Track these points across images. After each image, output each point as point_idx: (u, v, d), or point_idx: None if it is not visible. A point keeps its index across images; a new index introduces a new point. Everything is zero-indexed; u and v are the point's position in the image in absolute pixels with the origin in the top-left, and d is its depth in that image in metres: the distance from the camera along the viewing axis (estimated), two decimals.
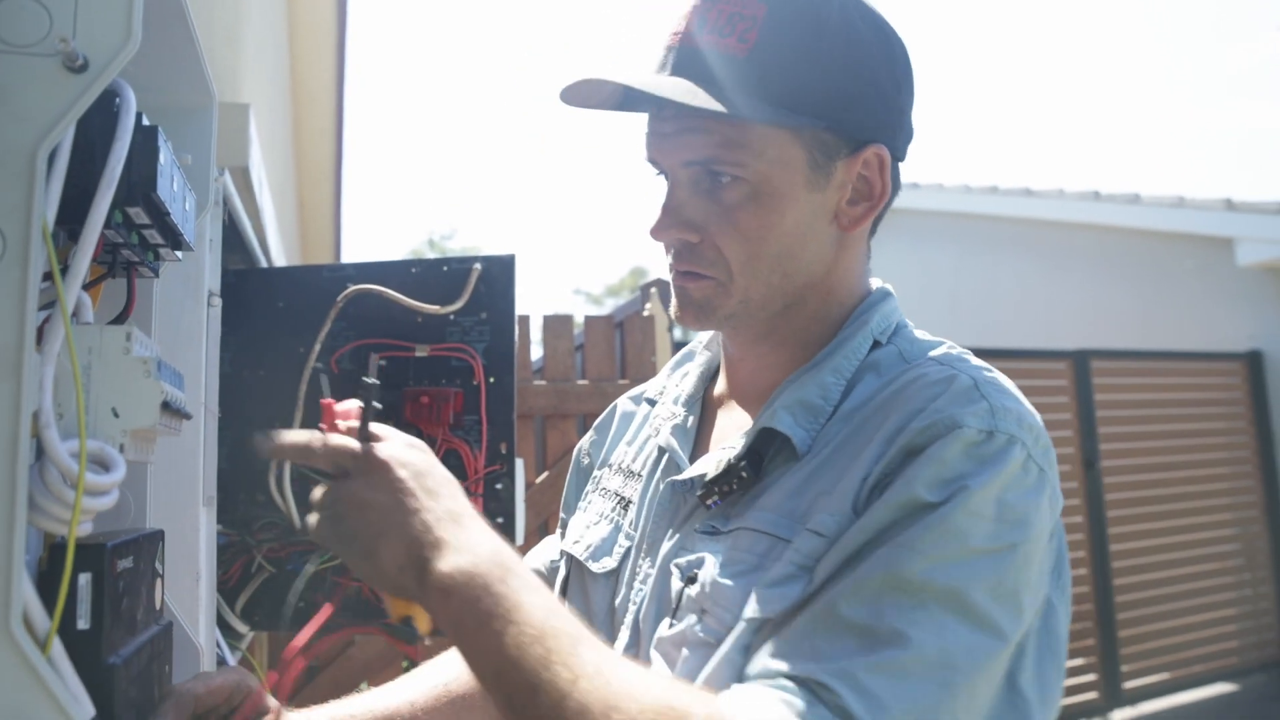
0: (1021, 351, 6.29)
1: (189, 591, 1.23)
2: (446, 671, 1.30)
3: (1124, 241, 8.30)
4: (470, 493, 1.75)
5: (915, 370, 0.96)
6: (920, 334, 1.07)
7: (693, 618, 0.92)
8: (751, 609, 0.86)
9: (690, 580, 0.94)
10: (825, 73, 0.95)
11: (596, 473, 1.28)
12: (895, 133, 1.01)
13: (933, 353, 1.00)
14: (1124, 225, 8.18)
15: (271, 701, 1.13)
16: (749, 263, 0.99)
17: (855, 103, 0.97)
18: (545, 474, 2.66)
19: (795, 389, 0.99)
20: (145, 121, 0.86)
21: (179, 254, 1.02)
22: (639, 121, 1.04)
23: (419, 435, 1.76)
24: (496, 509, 1.77)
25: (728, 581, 0.90)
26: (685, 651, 0.91)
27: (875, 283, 1.11)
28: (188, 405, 0.93)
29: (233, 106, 1.81)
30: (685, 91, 0.93)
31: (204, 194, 1.21)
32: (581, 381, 2.70)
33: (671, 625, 0.94)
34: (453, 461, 1.77)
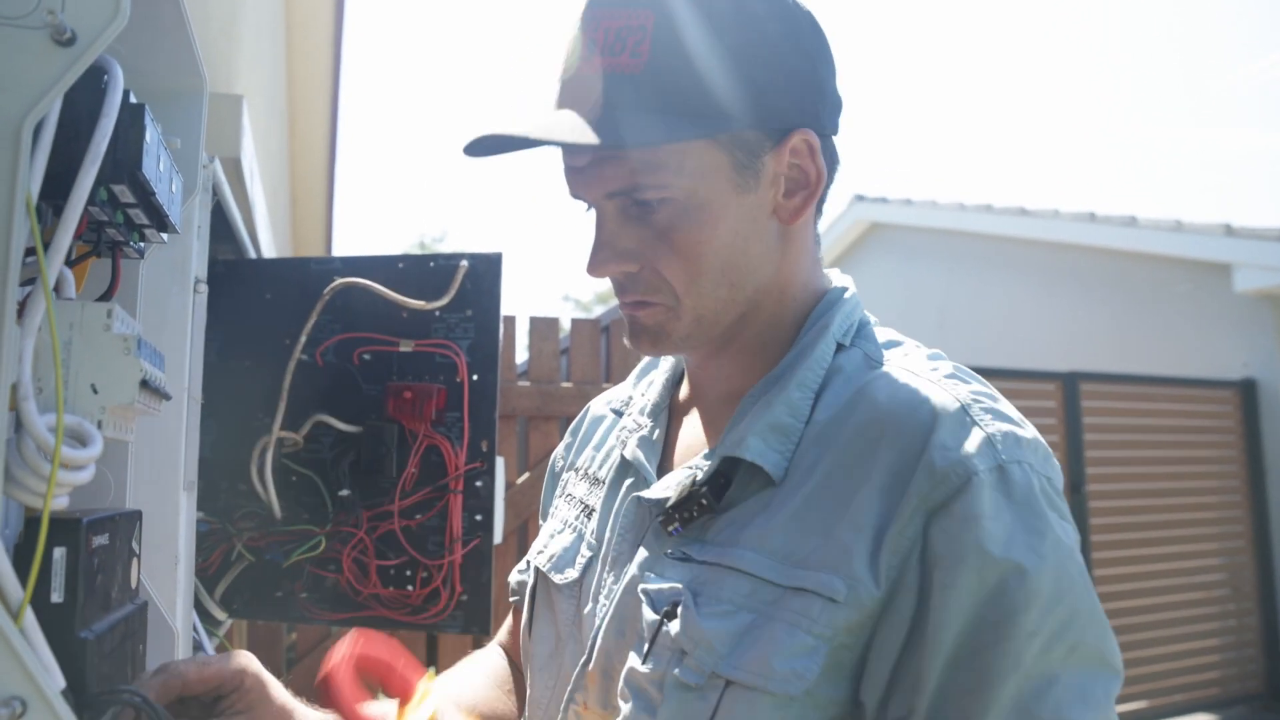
0: (1010, 371, 6.30)
1: (167, 575, 1.23)
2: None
3: (1119, 264, 8.28)
4: (450, 490, 1.76)
5: (887, 380, 0.93)
6: (883, 332, 1.04)
7: (672, 658, 0.89)
8: (759, 676, 0.84)
9: (668, 615, 0.90)
10: (728, 69, 0.90)
11: (564, 476, 1.27)
12: (819, 111, 0.96)
13: (899, 355, 0.98)
14: (1120, 248, 8.16)
15: (280, 695, 1.08)
16: (693, 281, 0.95)
17: (767, 92, 0.92)
18: (526, 474, 2.66)
19: (762, 411, 0.96)
20: (133, 99, 0.86)
21: (164, 236, 1.02)
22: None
23: (400, 430, 1.77)
24: (476, 506, 1.77)
25: (711, 625, 0.87)
26: (665, 694, 0.88)
27: (832, 276, 1.08)
28: (167, 386, 0.93)
29: (226, 97, 1.81)
30: (572, 129, 0.88)
31: (191, 179, 1.21)
32: (566, 384, 2.71)
33: (646, 661, 0.91)
34: (433, 457, 1.77)
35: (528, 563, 1.18)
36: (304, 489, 1.81)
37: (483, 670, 1.32)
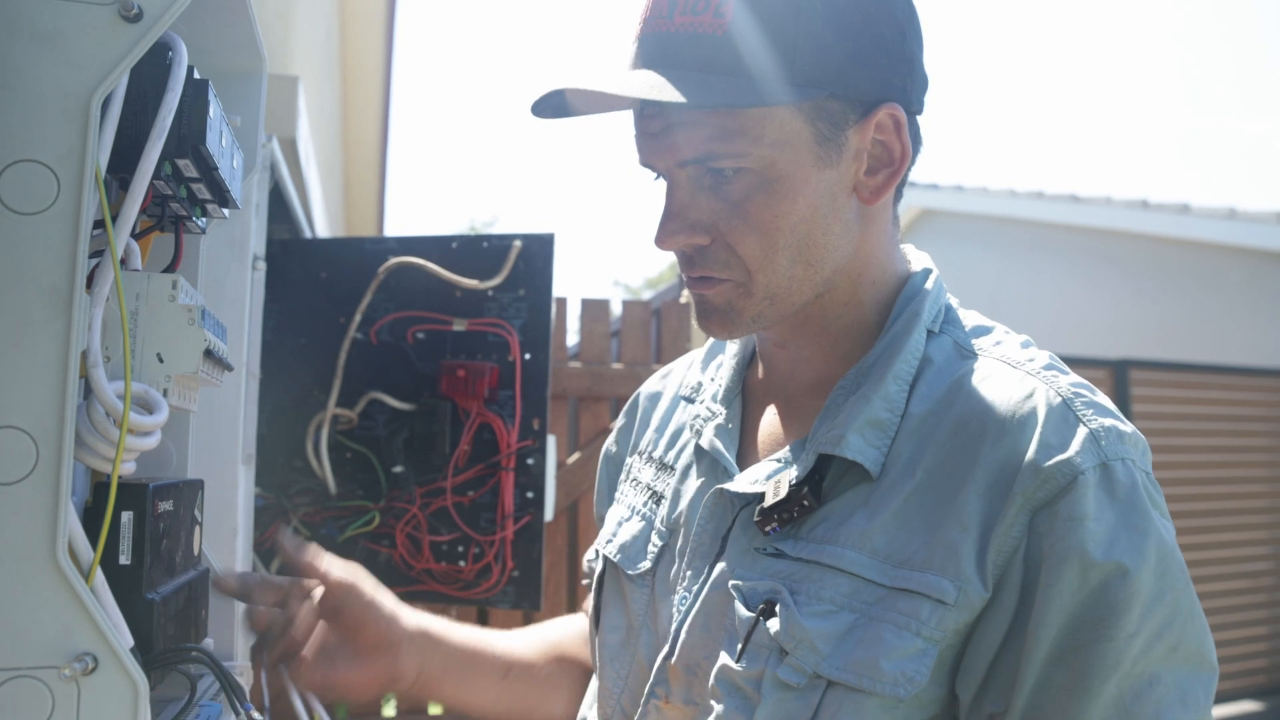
0: (1062, 358, 6.20)
1: (227, 545, 1.25)
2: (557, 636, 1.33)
3: (1171, 251, 8.21)
4: (502, 467, 1.77)
5: (985, 373, 0.91)
6: (968, 316, 1.01)
7: (771, 657, 0.87)
8: (865, 678, 0.83)
9: (765, 613, 0.88)
10: (816, 34, 0.85)
11: (627, 460, 1.24)
12: (907, 86, 0.91)
13: (992, 345, 0.95)
14: (1172, 235, 8.10)
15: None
16: (767, 257, 0.90)
17: (856, 61, 0.87)
18: (577, 454, 2.67)
19: (860, 405, 0.92)
20: (196, 75, 0.87)
21: (225, 212, 1.04)
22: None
23: (454, 408, 1.79)
24: (527, 484, 1.79)
25: (811, 624, 0.85)
26: (764, 694, 0.86)
27: (910, 254, 1.05)
28: (230, 357, 0.95)
29: (283, 78, 1.84)
30: (651, 86, 0.84)
31: (251, 156, 1.23)
32: (617, 365, 2.72)
33: (740, 660, 0.88)
34: (486, 435, 1.79)
35: (597, 551, 1.16)
36: (358, 465, 1.84)
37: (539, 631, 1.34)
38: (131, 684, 0.70)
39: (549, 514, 1.85)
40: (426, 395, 1.82)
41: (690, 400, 1.17)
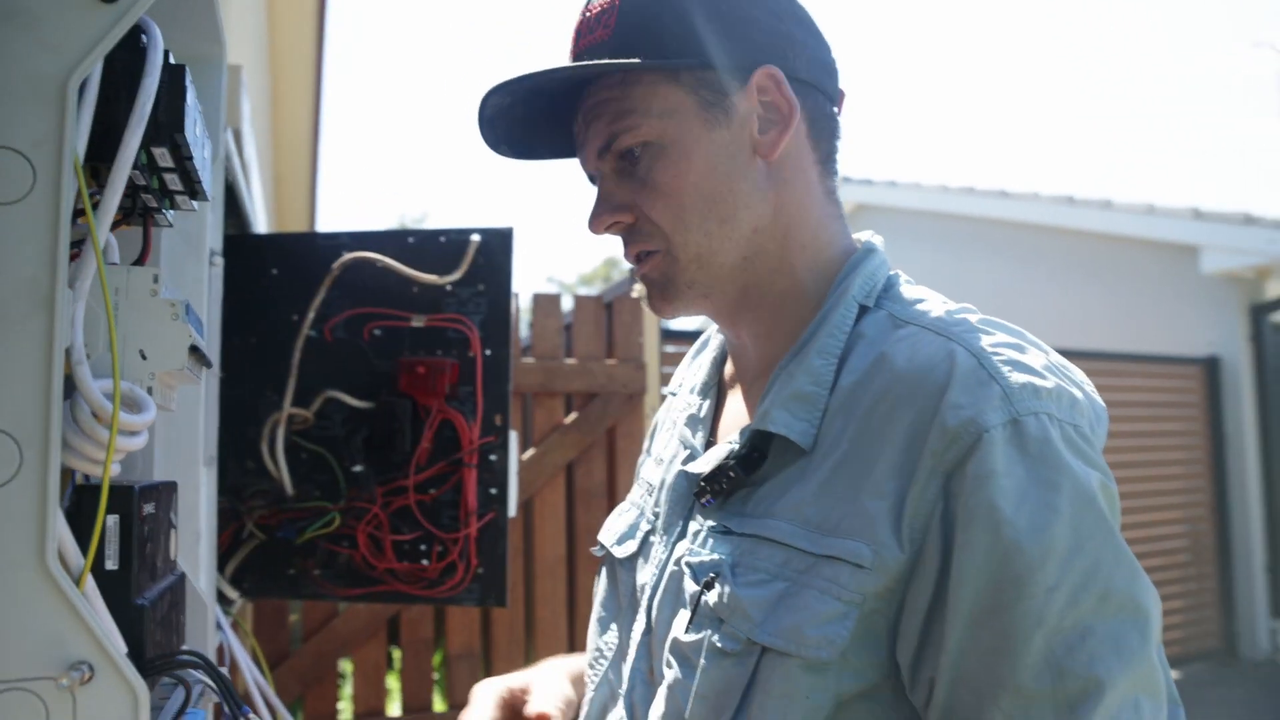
0: None
1: (189, 549, 1.22)
2: None
3: (1094, 245, 8.52)
4: (464, 463, 1.75)
5: (908, 342, 0.92)
6: (911, 290, 1.03)
7: (711, 626, 0.91)
8: (792, 643, 0.85)
9: (707, 586, 0.93)
10: (683, 16, 0.97)
11: (641, 463, 1.30)
12: (785, 53, 1.01)
13: (921, 313, 0.97)
14: (1095, 230, 8.40)
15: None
16: (678, 217, 0.99)
17: (727, 35, 0.98)
18: (532, 450, 2.65)
19: (785, 381, 0.97)
20: (171, 60, 0.84)
21: (194, 204, 1.00)
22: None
23: (414, 405, 1.76)
24: (490, 480, 1.77)
25: (745, 593, 0.89)
26: (704, 661, 0.90)
27: (863, 236, 1.09)
28: (209, 353, 0.92)
29: (228, 67, 1.78)
30: (534, 73, 0.99)
31: (215, 147, 1.19)
32: (569, 360, 2.70)
33: (688, 630, 0.93)
34: (447, 432, 1.76)
35: (599, 541, 1.23)
36: (315, 466, 1.79)
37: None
38: (131, 692, 0.67)
39: (512, 509, 1.82)
40: (385, 393, 1.79)
41: (675, 395, 1.26)
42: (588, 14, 1.02)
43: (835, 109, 1.07)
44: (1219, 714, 5.75)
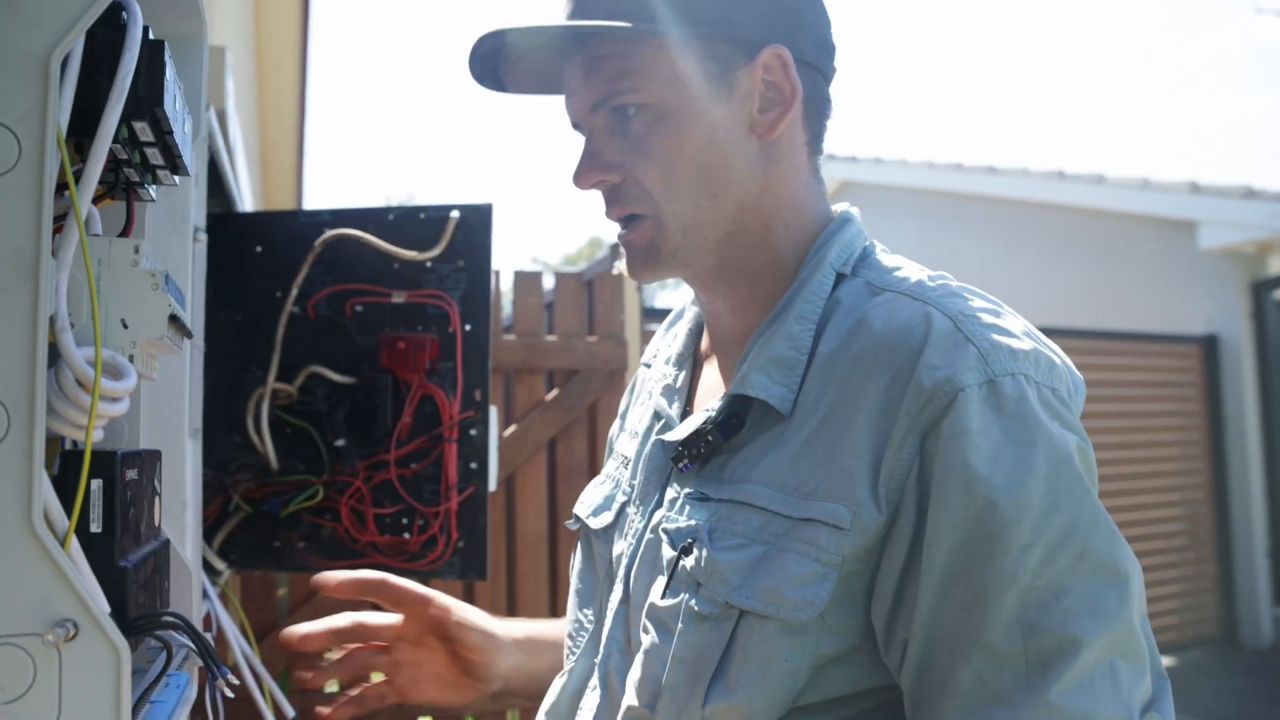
0: None
1: (175, 519, 1.24)
2: None
3: (1087, 222, 8.36)
4: (445, 438, 1.77)
5: (886, 306, 0.93)
6: (888, 258, 1.04)
7: (689, 590, 0.92)
8: (770, 605, 0.86)
9: (684, 551, 0.93)
10: None
11: (615, 435, 1.31)
12: (795, 32, 1.00)
13: (898, 279, 0.98)
14: (1088, 205, 8.24)
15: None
16: (670, 186, 0.99)
17: (739, 9, 0.96)
18: (513, 427, 2.67)
19: (763, 346, 0.97)
20: (151, 35, 0.86)
21: (176, 179, 1.02)
22: None
23: (395, 381, 1.78)
24: (470, 454, 1.79)
25: (723, 557, 0.90)
26: (681, 625, 0.91)
27: (838, 208, 1.09)
28: (190, 323, 0.94)
29: (211, 48, 1.79)
30: (549, 19, 0.98)
31: (196, 124, 1.21)
32: (550, 337, 2.72)
33: (665, 595, 0.94)
34: (428, 407, 1.79)
35: (575, 514, 1.23)
36: (299, 440, 1.82)
37: None
38: (113, 650, 0.70)
39: (492, 484, 1.85)
40: (367, 368, 1.81)
41: (650, 366, 1.26)
42: None
43: (829, 88, 1.07)
44: (1219, 703, 5.58)
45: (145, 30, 0.84)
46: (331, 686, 2.80)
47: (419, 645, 1.30)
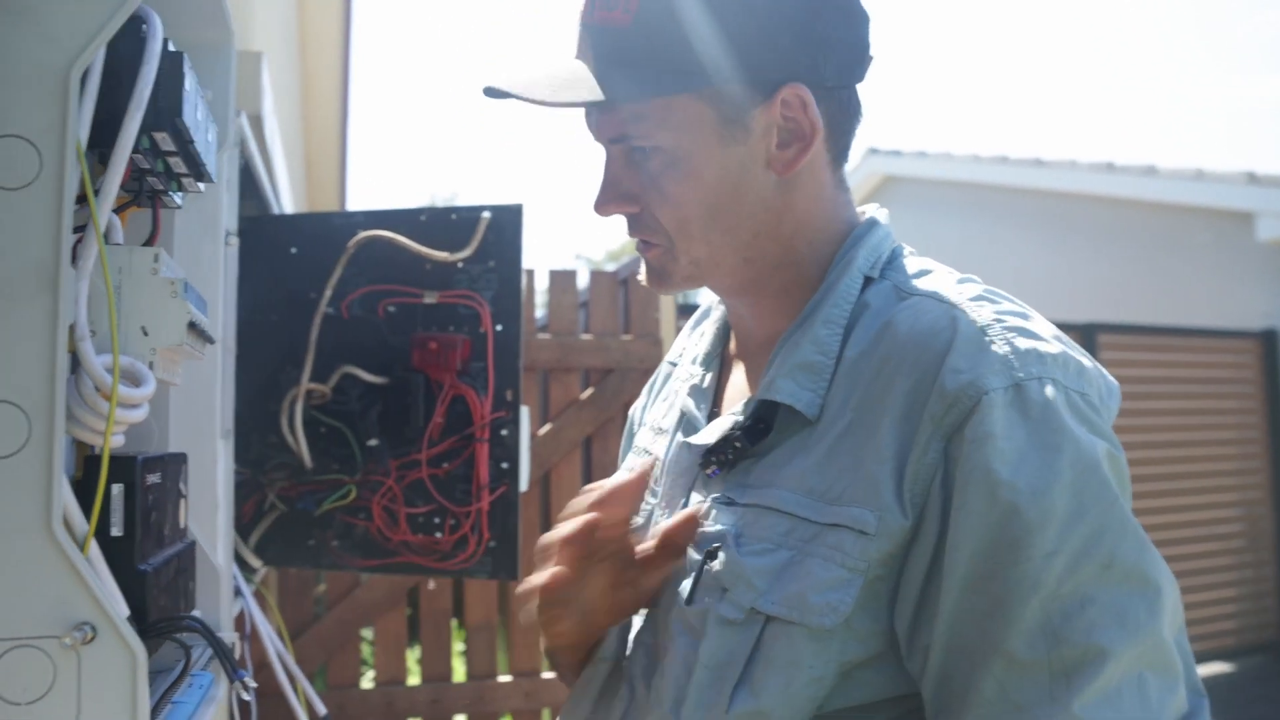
0: None
1: (208, 519, 1.26)
2: None
3: (1138, 214, 8.03)
4: (476, 438, 1.79)
5: (912, 310, 0.92)
6: (915, 261, 1.02)
7: (713, 596, 0.91)
8: (795, 610, 0.85)
9: (710, 556, 0.92)
10: (714, 25, 0.91)
11: (636, 431, 1.29)
12: (817, 63, 0.95)
13: (926, 283, 0.96)
14: (1139, 198, 7.91)
15: None
16: (682, 227, 0.98)
17: (754, 48, 0.92)
18: (548, 426, 2.69)
19: (790, 351, 0.96)
20: (171, 48, 0.87)
21: (201, 186, 1.04)
22: None
23: (427, 381, 1.80)
24: (501, 454, 1.80)
25: (750, 562, 0.89)
26: (707, 630, 0.90)
27: (866, 211, 1.07)
28: (211, 330, 0.96)
29: (246, 54, 1.82)
30: (566, 83, 0.94)
31: (223, 131, 1.23)
32: (585, 336, 2.73)
33: (691, 600, 0.93)
34: (459, 407, 1.80)
35: None
36: (333, 439, 1.84)
37: None
38: (130, 653, 0.71)
39: (523, 484, 1.86)
40: (399, 368, 1.83)
41: (676, 364, 1.24)
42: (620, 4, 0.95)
43: (857, 96, 1.03)
44: (1277, 714, 5.41)
45: (165, 42, 0.85)
46: (366, 684, 2.83)
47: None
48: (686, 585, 0.95)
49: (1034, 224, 9.04)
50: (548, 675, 2.75)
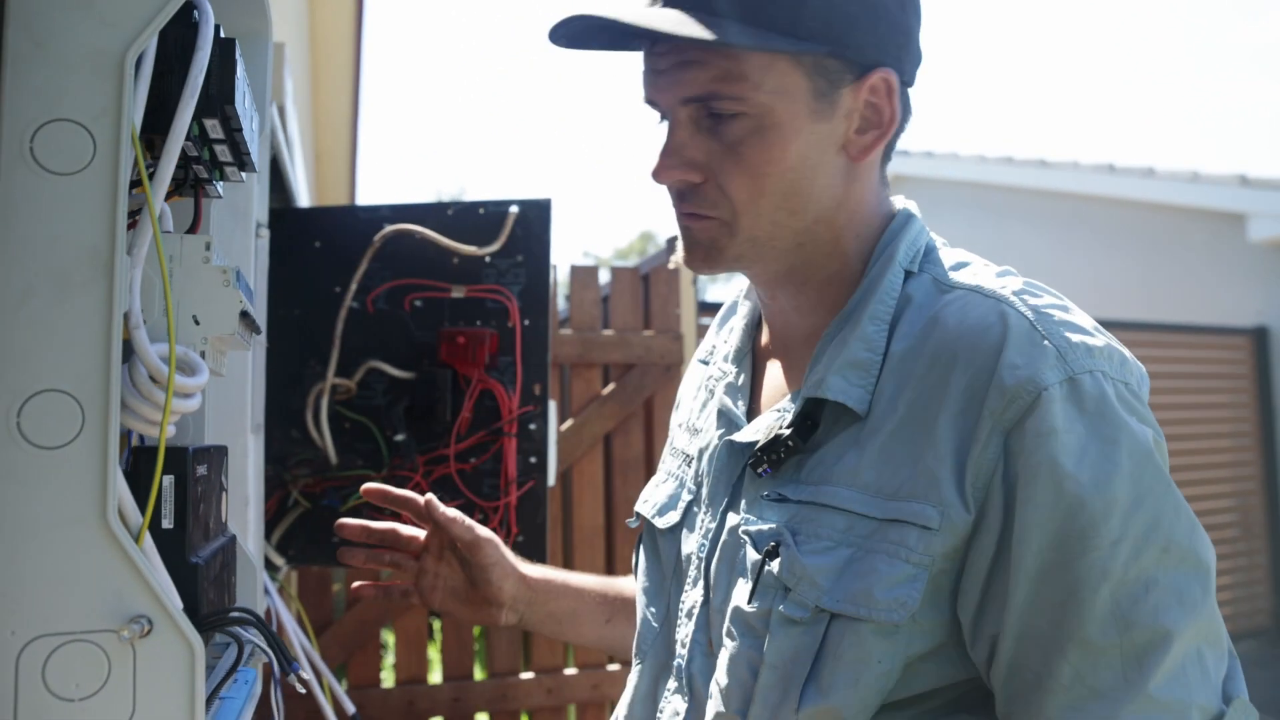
0: None
1: (238, 514, 1.25)
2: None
3: (1136, 214, 8.35)
4: (504, 433, 1.77)
5: (959, 304, 0.92)
6: (951, 254, 1.02)
7: (776, 595, 0.91)
8: (862, 607, 0.86)
9: (770, 555, 0.92)
10: None
11: (672, 432, 1.29)
12: (902, 55, 0.97)
13: (968, 276, 0.97)
14: (1137, 198, 8.23)
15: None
16: (753, 200, 0.95)
17: (857, 25, 0.92)
18: (570, 421, 2.68)
19: (839, 348, 0.96)
20: (223, 34, 0.86)
21: (243, 175, 1.02)
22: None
23: (454, 375, 1.78)
24: (529, 449, 1.79)
25: (812, 561, 0.89)
26: (771, 630, 0.91)
27: (898, 203, 1.07)
28: (259, 319, 0.94)
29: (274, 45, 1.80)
30: (674, 22, 0.89)
31: (262, 121, 1.21)
32: (607, 331, 2.71)
33: (751, 600, 0.93)
34: (487, 402, 1.79)
35: (636, 513, 1.23)
36: (358, 435, 1.83)
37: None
38: (188, 646, 0.70)
39: (550, 479, 1.85)
40: (426, 363, 1.81)
41: (706, 363, 1.24)
42: None
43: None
44: (1270, 695, 5.54)
45: (217, 29, 0.84)
46: (388, 683, 2.82)
47: (440, 559, 1.33)
48: (745, 586, 0.95)
49: (1038, 223, 9.22)
50: (570, 671, 2.74)
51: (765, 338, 1.14)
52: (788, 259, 1.01)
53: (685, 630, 1.04)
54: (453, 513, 1.29)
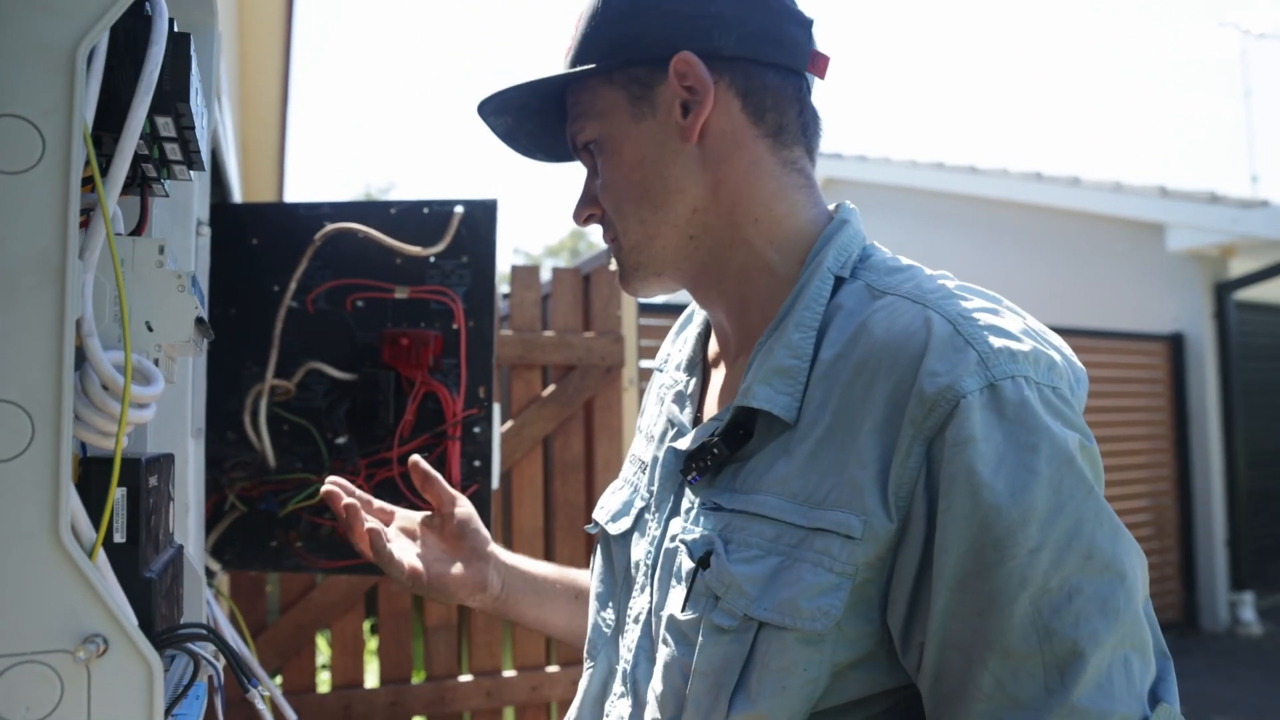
0: None
1: (178, 521, 1.21)
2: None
3: (1063, 222, 8.63)
4: (448, 435, 1.75)
5: (887, 310, 0.93)
6: (887, 260, 1.03)
7: (707, 603, 0.92)
8: (787, 616, 0.86)
9: (703, 563, 0.93)
10: (616, 19, 1.03)
11: (635, 439, 1.31)
12: (710, 32, 1.01)
13: (900, 281, 0.97)
14: (1064, 206, 8.50)
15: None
16: (619, 209, 1.05)
17: (644, 29, 1.02)
18: (510, 423, 2.65)
19: (765, 356, 0.97)
20: (176, 28, 0.83)
21: (191, 174, 0.99)
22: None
23: (397, 377, 1.75)
24: (474, 452, 1.77)
25: (740, 570, 0.90)
26: (701, 638, 0.91)
27: (841, 208, 1.08)
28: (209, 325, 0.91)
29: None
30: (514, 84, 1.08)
31: (210, 116, 1.18)
32: (548, 333, 2.69)
33: (685, 608, 0.94)
34: (431, 404, 1.76)
35: (594, 520, 1.24)
36: (297, 437, 1.79)
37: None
38: (145, 665, 0.67)
39: (495, 482, 1.83)
40: (368, 365, 1.78)
41: (662, 371, 1.27)
42: (573, 23, 1.09)
43: (796, 77, 1.05)
44: (1180, 689, 5.87)
45: (171, 22, 0.81)
46: (323, 688, 2.77)
47: (429, 529, 1.35)
48: (680, 593, 0.96)
49: (968, 228, 9.44)
50: (509, 674, 2.71)
51: (714, 347, 1.16)
52: (689, 255, 1.05)
53: (632, 635, 1.05)
54: (454, 492, 1.36)
